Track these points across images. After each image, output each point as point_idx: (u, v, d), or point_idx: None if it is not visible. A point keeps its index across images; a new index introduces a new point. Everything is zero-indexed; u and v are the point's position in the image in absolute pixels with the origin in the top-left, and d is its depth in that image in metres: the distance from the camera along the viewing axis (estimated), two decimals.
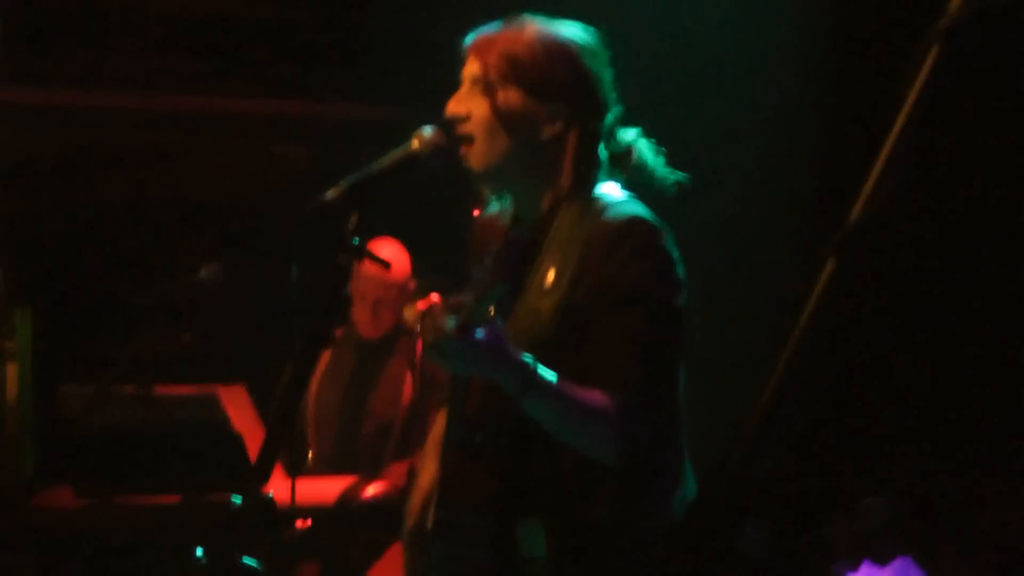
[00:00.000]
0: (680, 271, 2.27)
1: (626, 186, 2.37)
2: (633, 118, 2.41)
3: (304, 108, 6.03)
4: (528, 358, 2.11)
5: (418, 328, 4.35)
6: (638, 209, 2.29)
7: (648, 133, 2.41)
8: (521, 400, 2.12)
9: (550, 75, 2.29)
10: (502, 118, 2.29)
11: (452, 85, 2.41)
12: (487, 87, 2.30)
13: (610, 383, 2.17)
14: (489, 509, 2.24)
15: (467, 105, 2.32)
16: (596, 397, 2.16)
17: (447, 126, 2.31)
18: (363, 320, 4.65)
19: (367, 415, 4.69)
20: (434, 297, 4.33)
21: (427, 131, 2.30)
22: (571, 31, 2.35)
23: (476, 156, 2.32)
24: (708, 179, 2.40)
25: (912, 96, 1.26)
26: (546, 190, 2.32)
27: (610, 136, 2.36)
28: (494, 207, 2.46)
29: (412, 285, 4.73)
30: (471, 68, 2.33)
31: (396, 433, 4.66)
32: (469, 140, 2.31)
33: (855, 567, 3.14)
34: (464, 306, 2.09)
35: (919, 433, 4.13)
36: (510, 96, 2.29)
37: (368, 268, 4.51)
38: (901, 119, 1.26)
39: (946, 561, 3.51)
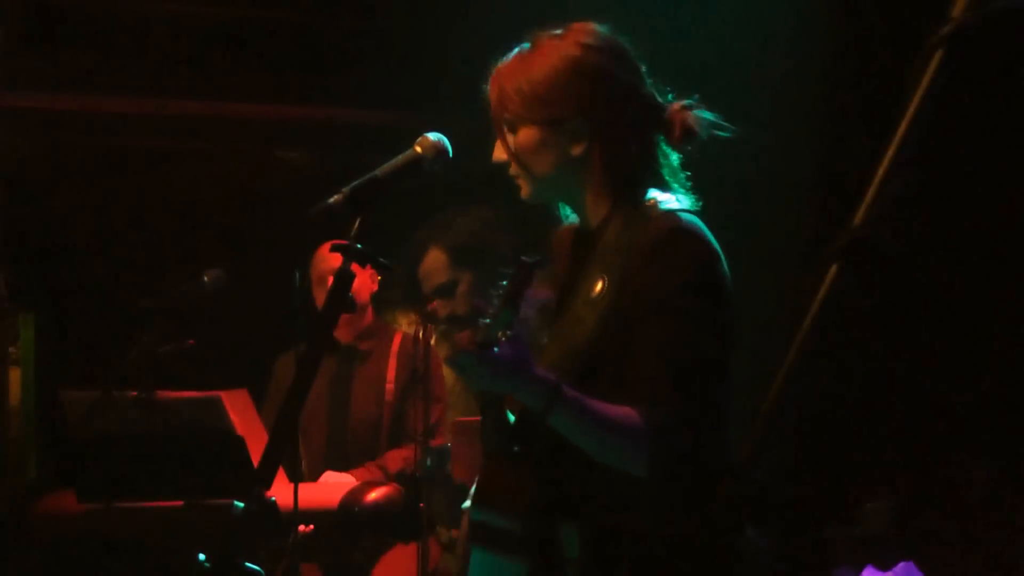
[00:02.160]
0: (725, 281, 2.26)
1: (679, 176, 2.36)
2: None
3: (307, 113, 6.03)
4: (550, 377, 2.11)
5: (419, 332, 4.36)
6: (684, 218, 2.27)
7: None
8: (546, 417, 2.12)
9: (561, 99, 2.29)
10: (532, 152, 2.32)
11: (453, 91, 2.42)
12: (511, 128, 2.33)
13: (641, 397, 2.15)
14: (524, 514, 2.24)
15: (505, 150, 2.36)
16: (624, 413, 2.14)
17: (503, 173, 2.37)
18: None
19: (352, 417, 4.70)
20: (438, 305, 4.34)
21: (430, 136, 2.31)
22: (572, 37, 2.33)
23: (525, 189, 2.36)
24: (712, 186, 2.39)
25: (915, 102, 1.26)
26: (595, 200, 2.33)
27: (649, 112, 2.34)
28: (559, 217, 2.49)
29: (374, 281, 4.74)
30: (495, 111, 2.36)
31: (384, 429, 4.67)
32: (518, 176, 2.36)
33: (857, 571, 3.14)
34: (480, 324, 2.10)
35: (921, 437, 4.12)
36: (531, 132, 2.31)
37: (327, 267, 4.53)
38: (904, 125, 1.26)
39: (947, 565, 3.50)
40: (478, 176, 2.49)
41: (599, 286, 2.24)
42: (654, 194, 2.30)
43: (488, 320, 2.10)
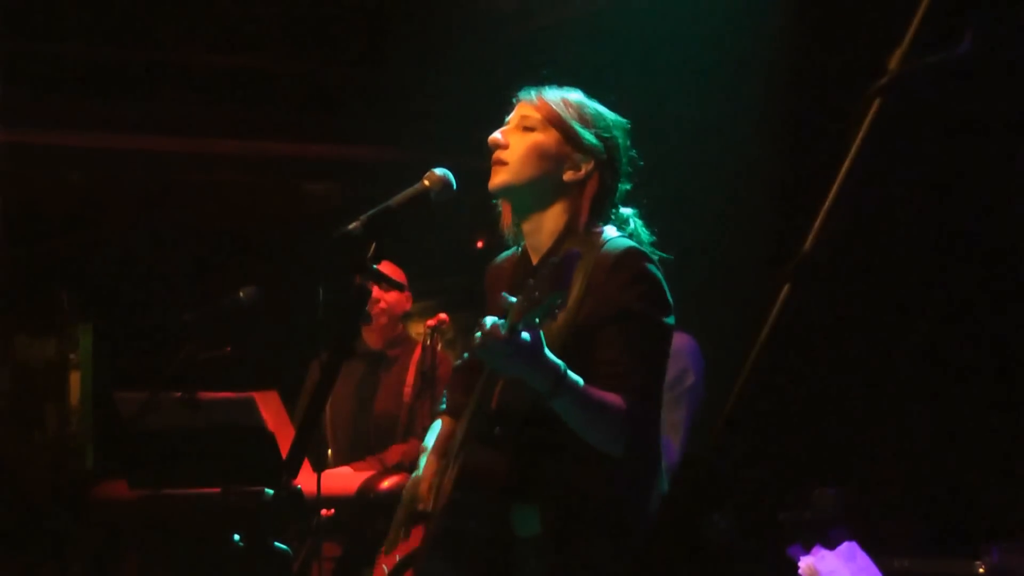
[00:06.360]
0: (668, 295, 2.31)
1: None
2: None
3: (330, 151, 6.04)
4: (560, 363, 2.14)
5: (427, 340, 4.36)
6: (632, 243, 2.34)
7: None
8: (551, 398, 2.14)
9: (585, 128, 2.36)
10: (535, 152, 2.34)
11: (457, 133, 2.42)
12: (531, 126, 2.36)
13: (617, 387, 2.20)
14: (497, 493, 2.26)
15: (508, 138, 2.37)
16: (612, 399, 2.19)
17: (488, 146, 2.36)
18: (367, 331, 4.68)
19: (375, 414, 4.70)
20: (442, 316, 4.33)
21: (437, 171, 2.31)
22: (608, 109, 2.42)
23: (500, 177, 2.35)
24: (682, 220, 2.43)
25: (856, 143, 1.26)
26: (559, 224, 2.36)
27: (616, 203, 2.42)
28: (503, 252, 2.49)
29: (408, 301, 4.75)
30: (521, 111, 2.39)
31: (401, 426, 4.67)
32: (502, 163, 2.35)
33: (808, 550, 3.13)
34: (514, 310, 2.07)
35: (860, 435, 4.13)
36: (549, 136, 2.35)
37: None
38: (848, 163, 1.26)
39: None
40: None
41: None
42: (605, 228, 2.37)
43: (519, 307, 2.06)
